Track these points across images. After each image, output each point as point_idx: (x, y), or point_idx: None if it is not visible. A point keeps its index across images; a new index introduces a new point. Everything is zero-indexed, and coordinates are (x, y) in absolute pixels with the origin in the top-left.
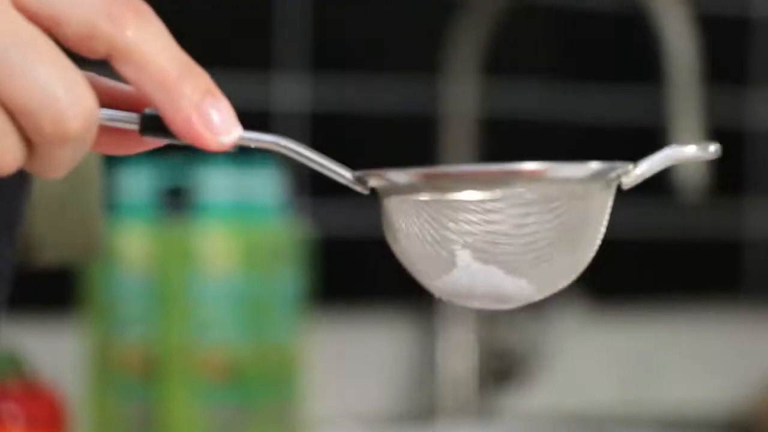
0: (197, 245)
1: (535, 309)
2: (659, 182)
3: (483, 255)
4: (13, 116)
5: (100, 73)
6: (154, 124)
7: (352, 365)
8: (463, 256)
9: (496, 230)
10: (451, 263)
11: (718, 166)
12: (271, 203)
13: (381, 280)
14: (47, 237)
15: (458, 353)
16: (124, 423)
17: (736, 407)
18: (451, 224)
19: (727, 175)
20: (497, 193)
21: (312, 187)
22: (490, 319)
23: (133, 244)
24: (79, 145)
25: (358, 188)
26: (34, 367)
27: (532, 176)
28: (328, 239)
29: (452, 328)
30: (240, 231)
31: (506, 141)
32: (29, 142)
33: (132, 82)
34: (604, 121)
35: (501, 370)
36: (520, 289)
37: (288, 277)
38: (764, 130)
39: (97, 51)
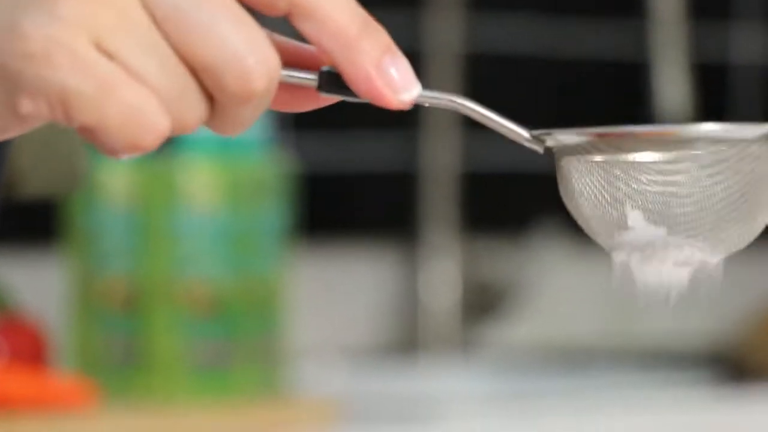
0: (181, 179)
1: (518, 241)
2: (642, 121)
3: (656, 216)
4: (196, 74)
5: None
6: (332, 81)
7: (335, 298)
8: (636, 217)
9: (669, 191)
10: (624, 224)
11: (700, 100)
12: (255, 137)
13: (365, 213)
14: (32, 170)
15: (442, 286)
16: (107, 356)
17: (720, 340)
18: (623, 185)
19: (709, 109)
20: (672, 154)
21: (296, 121)
22: (473, 253)
23: (117, 177)
24: (260, 103)
25: (535, 147)
26: (17, 300)
27: (709, 137)
28: (312, 173)
29: (436, 261)
30: (224, 165)
31: (490, 76)
32: (211, 100)
33: (311, 39)
34: (587, 56)
35: (484, 302)
36: (694, 252)
37: (272, 211)
38: (747, 64)
39: (278, 8)
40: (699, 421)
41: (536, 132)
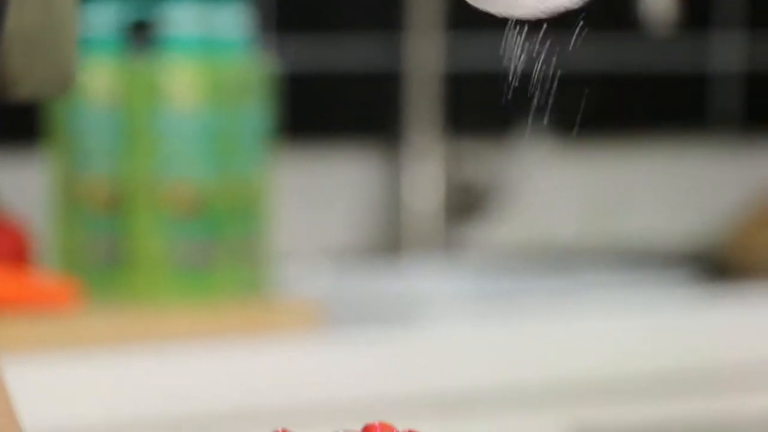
0: (163, 79)
1: (502, 142)
2: (626, 16)
3: None
4: None
5: None
6: None
7: (318, 199)
8: None
9: None
10: None
11: None
12: (237, 38)
13: (347, 114)
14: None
15: (425, 187)
16: (90, 256)
17: (702, 239)
18: None
19: (694, 7)
20: None
21: (278, 21)
22: (456, 153)
23: (99, 78)
24: None
25: None
26: (1, 200)
27: None
28: (294, 74)
29: (419, 161)
30: (206, 65)
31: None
32: None
33: None
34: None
35: (467, 203)
36: None
37: (254, 112)
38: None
39: None
40: (680, 320)
41: None
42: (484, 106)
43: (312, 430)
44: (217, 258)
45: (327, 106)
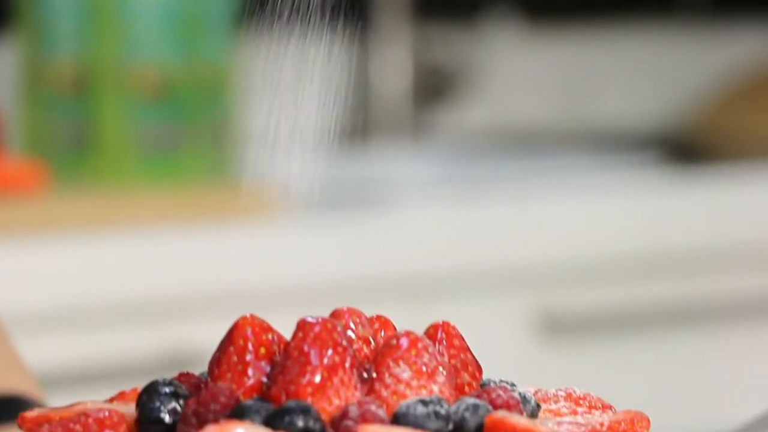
0: None
1: (470, 25)
2: None
3: None
4: None
5: None
6: None
7: (285, 83)
8: None
9: None
10: None
11: None
12: None
13: None
14: None
15: (393, 70)
16: (57, 139)
17: (672, 121)
18: None
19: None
20: None
21: None
22: (424, 36)
23: None
24: None
25: None
26: None
27: None
28: None
29: (387, 45)
30: None
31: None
32: None
33: None
34: None
35: (436, 86)
36: None
37: None
38: None
39: None
40: (649, 203)
41: None
42: None
43: (279, 316)
44: (184, 142)
45: None
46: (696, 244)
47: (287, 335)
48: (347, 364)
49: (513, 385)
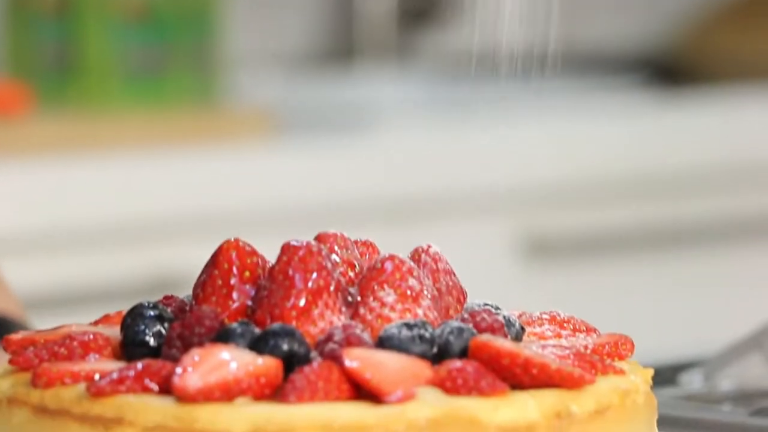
0: None
1: None
2: None
3: None
4: None
5: None
6: None
7: (271, 5)
8: None
9: None
10: None
11: None
12: None
13: None
14: None
15: None
16: (41, 61)
17: (655, 44)
18: None
19: None
20: None
21: None
22: None
23: None
24: None
25: None
26: None
27: None
28: None
29: None
30: None
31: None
32: None
33: None
34: None
35: (420, 9)
36: None
37: None
38: None
39: None
40: (636, 124)
41: None
42: None
43: (264, 239)
44: (168, 64)
45: None
46: (682, 166)
47: (272, 259)
48: (332, 288)
49: (497, 308)
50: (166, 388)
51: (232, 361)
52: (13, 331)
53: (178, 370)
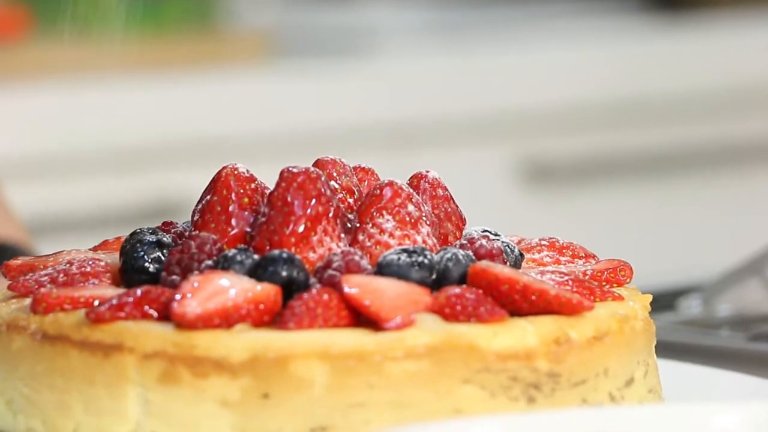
0: None
1: None
2: None
3: None
4: None
5: None
6: None
7: None
8: None
9: None
10: None
11: None
12: None
13: None
14: None
15: None
16: None
17: None
18: None
19: None
20: None
21: None
22: None
23: None
24: None
25: None
26: None
27: None
28: None
29: None
30: None
31: None
32: None
33: None
34: None
35: None
36: None
37: None
38: None
39: None
40: (634, 49)
41: None
42: None
43: (262, 164)
44: None
45: None
46: (681, 90)
47: (271, 185)
48: (331, 214)
49: (496, 234)
50: (166, 315)
51: (231, 287)
52: (13, 257)
53: (177, 296)
